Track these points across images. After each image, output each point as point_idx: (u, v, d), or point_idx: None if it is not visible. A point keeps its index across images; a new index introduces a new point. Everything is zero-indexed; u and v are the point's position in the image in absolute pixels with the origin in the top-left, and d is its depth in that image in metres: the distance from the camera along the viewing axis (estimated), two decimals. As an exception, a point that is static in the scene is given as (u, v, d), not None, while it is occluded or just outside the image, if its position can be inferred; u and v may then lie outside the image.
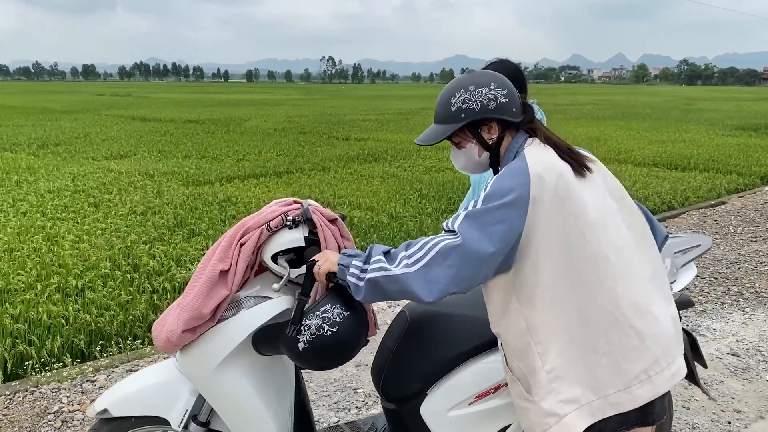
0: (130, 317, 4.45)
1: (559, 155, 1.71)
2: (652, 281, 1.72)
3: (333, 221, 1.97)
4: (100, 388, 3.66)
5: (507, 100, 1.77)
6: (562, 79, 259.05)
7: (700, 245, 2.55)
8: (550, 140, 1.76)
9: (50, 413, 3.38)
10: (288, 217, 1.86)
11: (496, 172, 1.82)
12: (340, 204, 8.37)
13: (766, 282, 5.55)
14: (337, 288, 1.82)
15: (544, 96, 56.92)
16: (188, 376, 1.93)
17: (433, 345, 2.01)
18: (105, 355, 4.11)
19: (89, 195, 8.64)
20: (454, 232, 1.63)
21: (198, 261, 5.63)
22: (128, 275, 5.20)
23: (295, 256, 1.91)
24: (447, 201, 8.55)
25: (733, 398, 3.49)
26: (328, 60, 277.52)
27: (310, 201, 1.95)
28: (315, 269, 1.79)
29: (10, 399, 3.52)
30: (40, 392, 3.60)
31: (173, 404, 1.97)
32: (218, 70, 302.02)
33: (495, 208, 1.61)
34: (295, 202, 1.93)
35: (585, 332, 1.64)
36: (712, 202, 9.18)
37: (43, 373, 3.80)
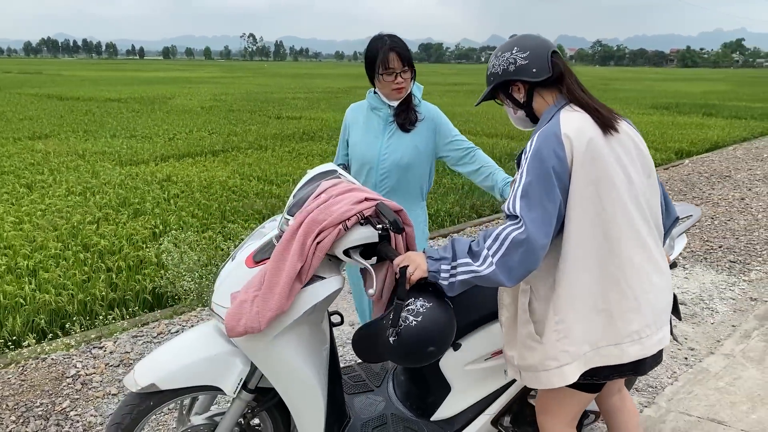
0: (89, 297, 4.41)
1: (591, 118, 1.85)
2: (655, 252, 1.91)
3: (398, 212, 1.96)
4: (111, 353, 3.77)
5: (526, 62, 1.92)
6: (483, 59, 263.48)
7: (692, 215, 2.80)
8: (580, 102, 1.89)
9: (68, 377, 3.49)
10: (363, 215, 1.90)
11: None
12: (286, 182, 8.41)
13: (699, 243, 6.18)
14: (403, 278, 1.86)
15: (466, 76, 57.99)
16: (243, 348, 1.97)
17: (457, 309, 2.06)
18: (69, 333, 4.08)
19: (19, 176, 8.31)
20: (517, 217, 1.76)
21: (150, 240, 5.60)
22: (80, 255, 5.12)
23: (364, 249, 1.96)
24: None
25: (686, 339, 4.01)
26: (248, 37, 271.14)
27: (384, 199, 1.96)
28: (409, 272, 1.85)
29: (23, 366, 3.60)
30: (52, 359, 3.68)
31: (227, 374, 2.02)
32: (132, 47, 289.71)
33: (541, 179, 1.76)
34: (367, 199, 1.94)
35: (594, 289, 1.84)
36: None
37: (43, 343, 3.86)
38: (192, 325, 4.09)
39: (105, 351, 3.79)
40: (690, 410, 3.13)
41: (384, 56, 2.65)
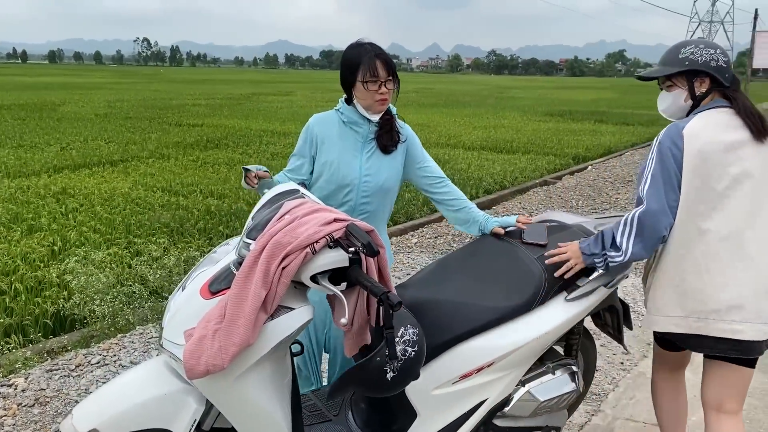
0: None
1: (745, 124, 2.18)
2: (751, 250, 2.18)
3: (369, 232, 1.86)
4: (23, 391, 3.43)
5: (725, 66, 2.25)
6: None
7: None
8: (743, 110, 2.21)
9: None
10: (333, 238, 1.76)
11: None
12: (193, 193, 8.10)
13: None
14: (388, 306, 1.72)
15: (369, 83, 58.22)
16: (199, 387, 1.80)
17: (425, 333, 2.03)
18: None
19: None
20: (641, 199, 2.17)
21: (50, 259, 5.22)
22: (-32, 277, 4.69)
23: (332, 274, 1.81)
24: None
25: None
26: (143, 41, 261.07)
27: (355, 220, 1.85)
28: (570, 265, 2.22)
29: None
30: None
31: (179, 415, 1.84)
32: (14, 50, 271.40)
33: (664, 165, 2.16)
34: (336, 220, 1.81)
35: (677, 267, 2.20)
36: (545, 179, 10.19)
37: None
38: (114, 355, 3.80)
39: (16, 389, 3.43)
40: (635, 416, 3.24)
41: (370, 63, 2.42)
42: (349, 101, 2.56)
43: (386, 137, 2.55)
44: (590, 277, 2.31)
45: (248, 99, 28.61)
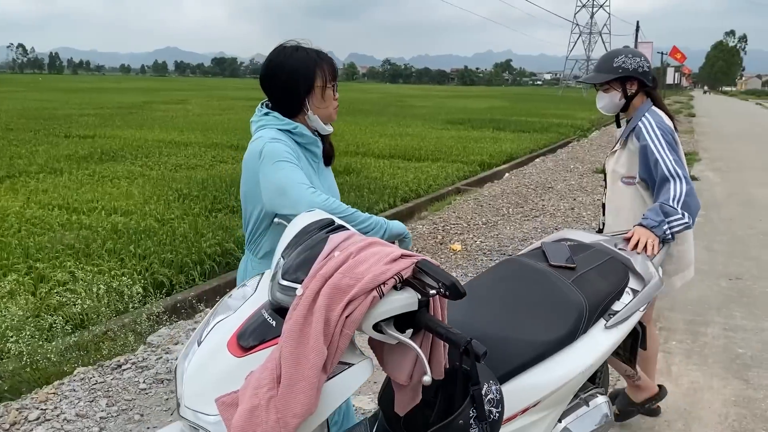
0: None
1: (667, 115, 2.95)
2: None
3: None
4: None
5: (648, 70, 2.90)
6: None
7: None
8: (662, 107, 2.99)
9: None
10: (402, 277, 1.47)
11: (619, 116, 3.11)
12: (93, 210, 7.51)
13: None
14: (474, 357, 1.47)
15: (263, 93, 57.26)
16: None
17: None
18: None
19: None
20: (678, 176, 2.72)
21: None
22: None
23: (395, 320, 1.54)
24: (212, 200, 8.20)
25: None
26: (17, 47, 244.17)
27: (425, 256, 1.55)
28: (652, 243, 2.53)
29: None
30: None
31: None
32: None
33: (673, 143, 2.82)
34: (404, 256, 1.51)
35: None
36: (458, 187, 10.28)
37: None
38: (55, 407, 3.29)
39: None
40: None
41: (328, 67, 2.16)
42: (285, 115, 2.18)
43: (330, 149, 2.33)
44: (627, 302, 2.21)
45: (140, 108, 27.29)
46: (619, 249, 2.47)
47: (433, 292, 1.45)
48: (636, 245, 2.54)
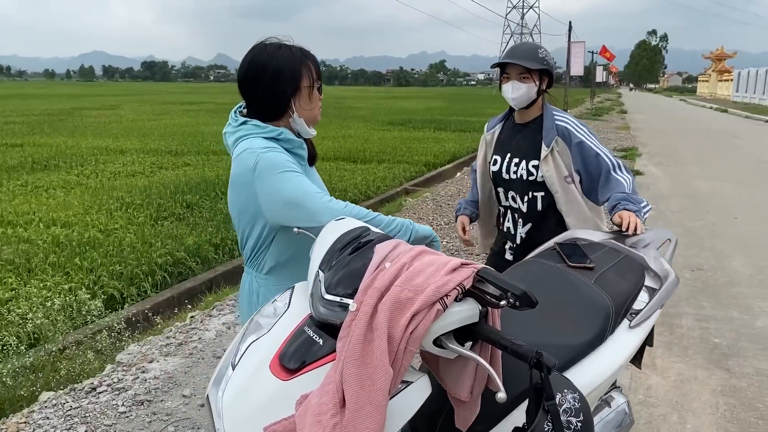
0: None
1: None
2: None
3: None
4: None
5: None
6: (212, 78, 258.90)
7: (670, 239, 2.72)
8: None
9: None
10: (464, 288, 1.37)
11: (512, 111, 2.96)
12: (30, 222, 7.14)
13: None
14: (546, 369, 1.37)
15: (199, 94, 56.33)
16: None
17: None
18: None
19: None
20: (620, 165, 2.79)
21: None
22: None
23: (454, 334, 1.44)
24: (157, 208, 7.93)
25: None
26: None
27: (484, 265, 1.44)
28: (633, 226, 2.47)
29: None
30: None
31: None
32: None
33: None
34: (464, 264, 1.42)
35: None
36: (406, 187, 10.29)
37: None
38: None
39: None
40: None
41: (314, 66, 2.02)
42: (266, 120, 2.03)
43: (313, 149, 2.21)
44: (646, 301, 2.18)
45: (70, 114, 26.26)
46: (630, 246, 2.46)
47: (503, 303, 1.35)
48: (629, 227, 2.51)
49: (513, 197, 2.93)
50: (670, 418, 3.35)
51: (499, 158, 2.95)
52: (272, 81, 1.97)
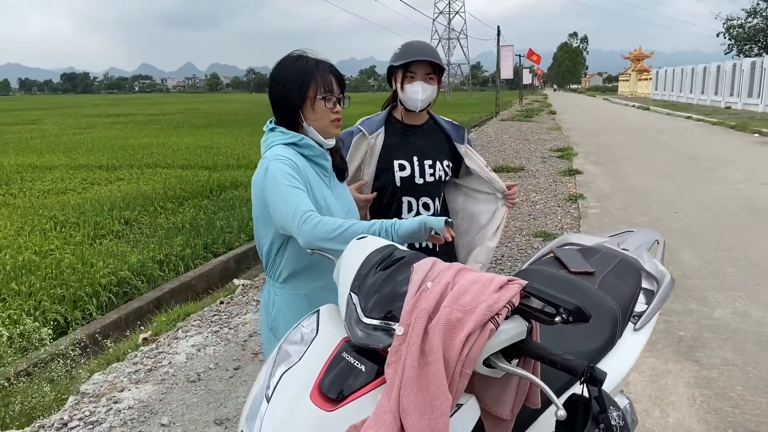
0: None
1: None
2: None
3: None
4: None
5: None
6: (136, 88, 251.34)
7: (658, 241, 2.71)
8: None
9: None
10: (513, 305, 1.33)
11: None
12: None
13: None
14: (598, 383, 1.34)
15: (125, 106, 54.49)
16: None
17: None
18: None
19: None
20: None
21: None
22: None
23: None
24: (94, 226, 7.52)
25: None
26: None
27: (529, 282, 1.41)
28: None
29: None
30: None
31: None
32: None
33: None
34: (510, 281, 1.38)
35: None
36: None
37: None
38: None
39: None
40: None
41: (324, 76, 2.04)
42: (289, 128, 2.09)
43: (341, 162, 2.25)
44: (646, 303, 2.19)
45: (-7, 130, 24.90)
46: (623, 249, 2.47)
47: (558, 319, 1.30)
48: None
49: (426, 204, 2.70)
50: (653, 413, 3.37)
51: (406, 163, 2.67)
52: (282, 91, 2.07)
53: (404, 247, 1.62)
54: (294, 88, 2.04)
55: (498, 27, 34.60)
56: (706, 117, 27.15)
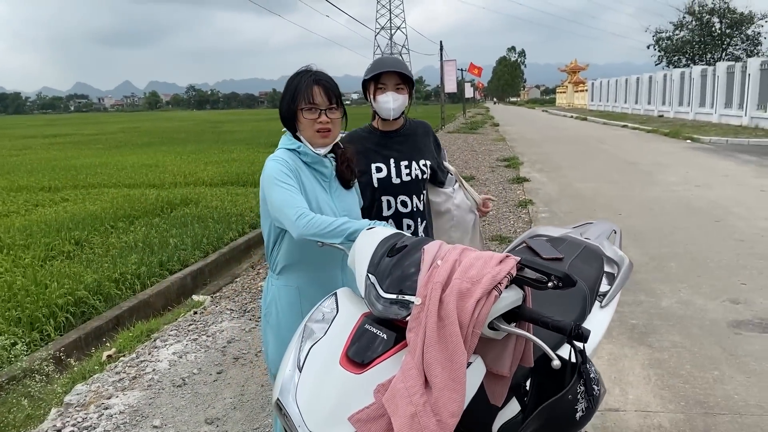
0: None
1: None
2: None
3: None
4: None
5: None
6: (72, 108, 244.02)
7: (615, 231, 2.95)
8: None
9: None
10: (512, 275, 1.60)
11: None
12: None
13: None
14: (583, 339, 1.58)
15: (61, 126, 52.85)
16: None
17: None
18: None
19: None
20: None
21: None
22: None
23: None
24: (44, 247, 7.34)
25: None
26: None
27: (523, 257, 1.68)
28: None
29: None
30: None
31: None
32: None
33: None
34: (507, 257, 1.63)
35: None
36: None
37: None
38: None
39: None
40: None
41: (307, 89, 2.21)
42: (294, 136, 2.34)
43: (347, 171, 2.39)
44: (608, 284, 2.36)
45: None
46: (586, 238, 2.66)
47: (550, 285, 1.55)
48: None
49: (404, 202, 2.88)
50: (614, 392, 3.66)
51: (383, 165, 2.87)
52: (282, 103, 2.32)
53: (409, 235, 1.87)
54: (287, 99, 2.28)
55: (441, 42, 35.32)
56: (642, 125, 28.31)
